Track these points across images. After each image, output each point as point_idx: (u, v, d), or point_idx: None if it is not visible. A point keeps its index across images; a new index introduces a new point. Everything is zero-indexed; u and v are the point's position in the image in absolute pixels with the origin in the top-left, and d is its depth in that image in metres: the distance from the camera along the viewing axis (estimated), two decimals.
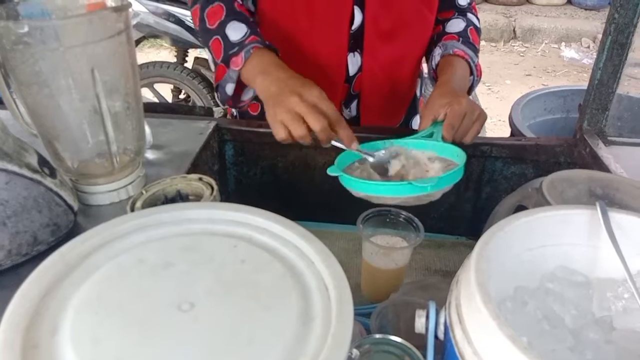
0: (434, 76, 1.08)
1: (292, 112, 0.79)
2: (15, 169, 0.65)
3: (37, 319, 0.44)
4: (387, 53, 1.09)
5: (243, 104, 1.03)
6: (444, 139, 0.85)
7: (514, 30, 5.56)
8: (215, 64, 0.97)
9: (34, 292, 0.46)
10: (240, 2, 1.00)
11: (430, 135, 0.88)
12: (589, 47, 5.28)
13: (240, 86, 0.96)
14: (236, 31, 0.94)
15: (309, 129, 0.79)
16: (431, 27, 1.13)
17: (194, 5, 1.01)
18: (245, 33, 0.93)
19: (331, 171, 0.79)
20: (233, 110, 1.26)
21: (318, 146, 0.83)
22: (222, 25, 0.95)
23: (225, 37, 0.94)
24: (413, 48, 1.14)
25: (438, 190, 0.77)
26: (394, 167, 0.84)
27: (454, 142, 0.86)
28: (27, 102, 0.74)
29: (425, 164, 0.85)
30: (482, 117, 0.89)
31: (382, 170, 0.84)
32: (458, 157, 0.82)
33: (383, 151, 0.86)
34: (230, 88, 0.95)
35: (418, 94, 1.27)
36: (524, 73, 4.79)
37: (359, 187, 0.77)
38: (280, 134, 0.82)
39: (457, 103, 0.87)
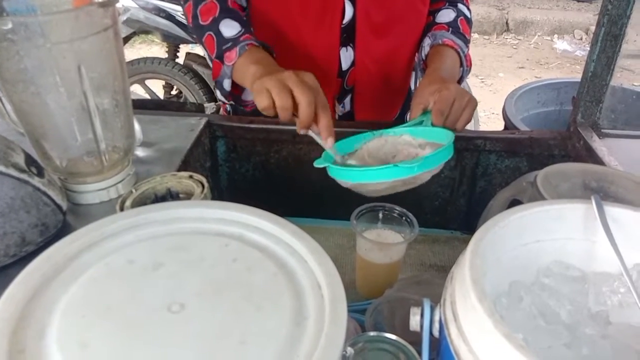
0: (424, 67, 1.07)
1: (282, 83, 0.76)
2: (2, 168, 0.64)
3: (23, 323, 0.43)
4: (380, 47, 1.08)
5: (247, 103, 1.02)
6: (433, 125, 0.85)
7: (506, 22, 5.55)
8: (211, 60, 0.97)
9: (20, 295, 0.45)
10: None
11: (420, 124, 0.87)
12: (581, 39, 5.29)
13: (238, 85, 0.96)
14: (229, 28, 0.94)
15: (294, 103, 0.76)
16: (424, 19, 1.12)
17: (187, 1, 1.01)
18: (239, 31, 0.93)
19: (318, 163, 0.79)
20: (227, 106, 1.25)
21: (309, 141, 0.82)
22: (216, 22, 0.95)
23: (218, 33, 0.94)
24: (406, 41, 1.13)
25: (425, 172, 0.75)
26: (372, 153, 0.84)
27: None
28: (13, 100, 0.73)
29: (417, 151, 0.85)
30: (472, 102, 0.88)
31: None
32: (447, 138, 0.81)
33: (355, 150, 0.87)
34: (227, 84, 0.95)
35: (412, 87, 1.26)
36: (517, 65, 4.79)
37: (346, 175, 0.77)
38: (263, 102, 0.78)
39: (445, 89, 0.86)
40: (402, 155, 0.83)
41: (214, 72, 0.96)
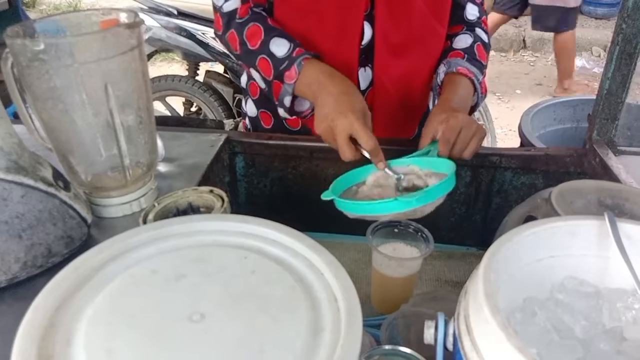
0: (439, 92, 1.09)
1: (329, 135, 0.88)
2: (31, 182, 0.67)
3: (52, 330, 0.45)
4: (398, 68, 1.09)
5: (303, 114, 1.05)
6: (439, 154, 0.86)
7: (523, 40, 5.54)
8: (267, 82, 1.00)
9: (48, 304, 0.47)
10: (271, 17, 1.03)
11: (427, 153, 0.89)
12: (599, 56, 5.26)
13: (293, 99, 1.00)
14: (280, 47, 0.97)
15: None
16: (443, 40, 1.12)
17: (227, 31, 1.03)
18: (290, 47, 0.97)
19: (325, 196, 0.81)
20: (247, 123, 1.27)
21: (326, 157, 0.85)
22: (265, 44, 0.98)
23: (271, 55, 0.97)
24: (424, 62, 1.14)
25: (428, 204, 0.77)
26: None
27: (451, 157, 0.87)
28: (42, 117, 0.76)
29: (424, 181, 0.86)
30: (480, 132, 0.89)
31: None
32: (450, 169, 0.83)
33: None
34: (287, 101, 0.98)
35: (431, 106, 1.27)
36: (534, 82, 4.77)
37: (349, 208, 0.80)
38: (324, 139, 0.91)
39: (453, 117, 0.88)
40: (408, 185, 0.85)
41: (274, 94, 1.00)
